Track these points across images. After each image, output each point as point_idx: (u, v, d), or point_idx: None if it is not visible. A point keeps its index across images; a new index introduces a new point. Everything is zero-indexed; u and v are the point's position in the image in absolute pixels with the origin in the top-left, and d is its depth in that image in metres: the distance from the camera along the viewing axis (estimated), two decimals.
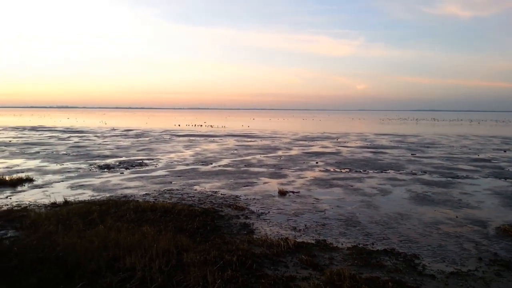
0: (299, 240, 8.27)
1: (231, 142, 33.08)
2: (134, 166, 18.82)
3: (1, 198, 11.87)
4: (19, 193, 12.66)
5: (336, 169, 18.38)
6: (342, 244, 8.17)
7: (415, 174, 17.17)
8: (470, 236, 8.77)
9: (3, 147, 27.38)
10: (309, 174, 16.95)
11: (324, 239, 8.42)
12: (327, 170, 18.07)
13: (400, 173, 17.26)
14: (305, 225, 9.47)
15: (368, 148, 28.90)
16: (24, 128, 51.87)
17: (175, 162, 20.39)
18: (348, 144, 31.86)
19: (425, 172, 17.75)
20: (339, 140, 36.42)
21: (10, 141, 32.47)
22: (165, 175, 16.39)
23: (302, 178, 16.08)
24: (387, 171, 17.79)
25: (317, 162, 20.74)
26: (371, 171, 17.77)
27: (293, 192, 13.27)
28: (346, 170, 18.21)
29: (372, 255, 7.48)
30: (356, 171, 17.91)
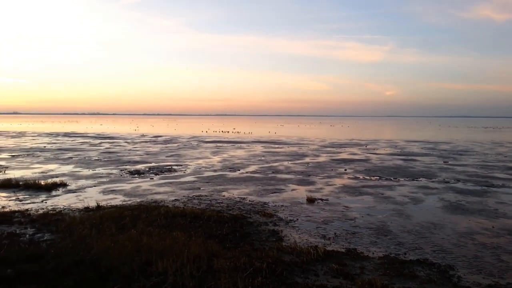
0: (328, 248, 8.18)
1: (258, 149, 33.16)
2: (163, 172, 19.12)
3: (37, 202, 12.31)
4: (54, 197, 13.09)
5: (366, 177, 18.11)
6: (373, 253, 8.03)
7: (448, 182, 16.71)
8: (508, 248, 8.44)
9: (38, 152, 28.40)
10: (338, 182, 16.77)
11: (354, 248, 8.30)
12: (356, 178, 17.83)
13: (432, 181, 16.83)
14: (335, 233, 9.36)
15: (399, 155, 28.34)
16: (57, 134, 53.67)
17: (203, 168, 20.60)
18: (378, 151, 31.36)
19: (458, 180, 17.25)
20: (368, 147, 35.89)
21: (44, 146, 33.66)
22: (194, 181, 16.58)
23: (330, 185, 15.92)
24: (419, 179, 17.39)
25: (345, 169, 20.50)
26: (402, 179, 17.41)
27: (321, 199, 13.15)
28: (376, 177, 17.92)
29: (404, 265, 7.31)
30: (387, 178, 17.59)
